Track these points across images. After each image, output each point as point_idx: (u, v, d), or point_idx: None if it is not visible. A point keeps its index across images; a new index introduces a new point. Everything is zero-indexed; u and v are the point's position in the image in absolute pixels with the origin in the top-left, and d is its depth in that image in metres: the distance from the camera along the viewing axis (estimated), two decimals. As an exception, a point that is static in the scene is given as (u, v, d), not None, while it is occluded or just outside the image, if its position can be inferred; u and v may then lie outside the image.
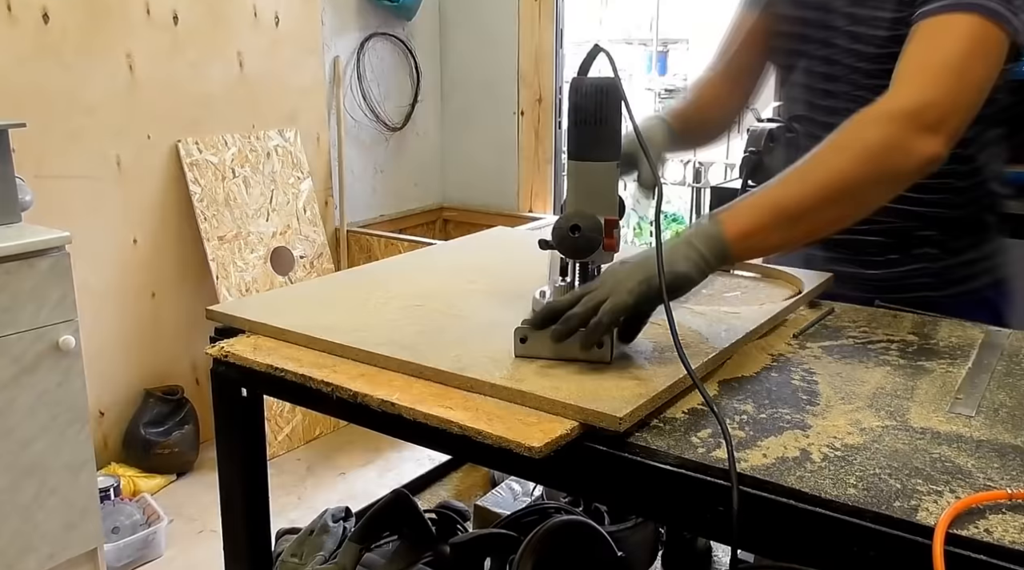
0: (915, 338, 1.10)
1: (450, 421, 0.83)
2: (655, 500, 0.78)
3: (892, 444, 0.80)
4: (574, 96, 0.96)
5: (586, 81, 0.96)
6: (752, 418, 0.85)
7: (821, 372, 0.98)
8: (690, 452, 0.78)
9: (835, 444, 0.80)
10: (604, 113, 0.96)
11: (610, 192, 0.98)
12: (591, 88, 0.96)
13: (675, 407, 0.88)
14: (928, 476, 0.74)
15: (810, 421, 0.85)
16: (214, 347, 1.05)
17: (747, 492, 0.73)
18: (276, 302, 1.17)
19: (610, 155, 0.98)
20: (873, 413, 0.87)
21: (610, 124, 0.97)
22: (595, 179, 0.98)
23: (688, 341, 1.00)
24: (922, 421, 0.85)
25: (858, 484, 0.72)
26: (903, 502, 0.69)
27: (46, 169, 2.52)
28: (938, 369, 0.99)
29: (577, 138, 0.98)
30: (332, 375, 0.95)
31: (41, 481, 2.06)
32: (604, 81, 0.96)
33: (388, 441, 3.00)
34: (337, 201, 3.40)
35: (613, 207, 0.99)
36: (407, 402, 0.87)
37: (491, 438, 0.80)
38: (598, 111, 0.96)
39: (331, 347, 1.01)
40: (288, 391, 0.99)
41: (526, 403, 0.86)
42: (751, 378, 0.96)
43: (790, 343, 1.08)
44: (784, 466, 0.75)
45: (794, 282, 1.27)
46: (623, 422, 0.80)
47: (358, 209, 3.51)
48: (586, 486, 0.86)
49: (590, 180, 0.98)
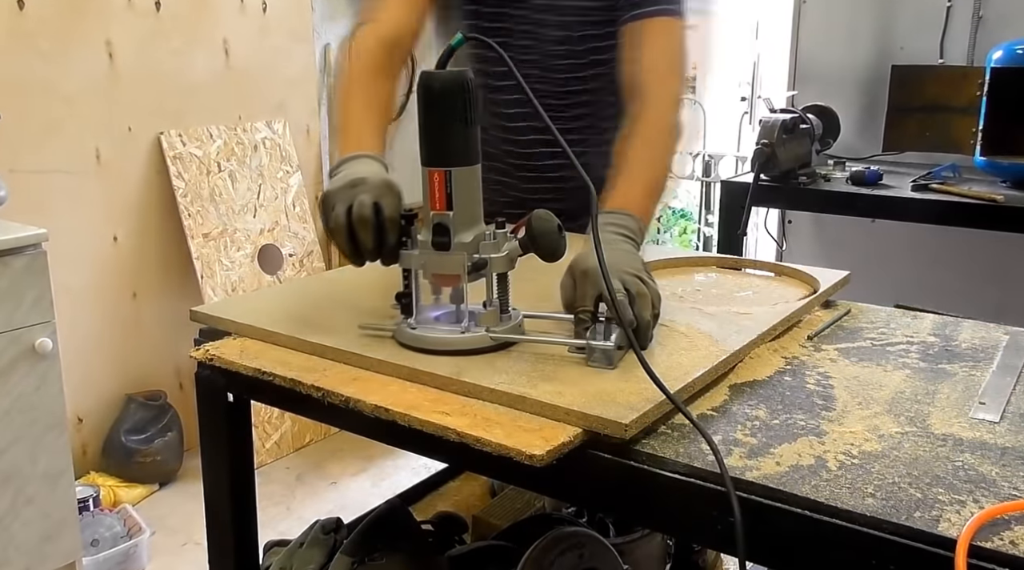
0: (936, 339, 1.10)
1: (447, 428, 0.83)
2: (663, 510, 0.78)
3: (912, 451, 0.80)
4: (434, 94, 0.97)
5: (443, 75, 0.96)
6: (765, 424, 0.85)
7: (837, 376, 0.98)
8: (700, 460, 0.78)
9: (852, 451, 0.80)
10: (472, 113, 0.97)
11: (480, 195, 1.00)
12: (454, 84, 0.96)
13: (684, 413, 0.88)
14: (950, 485, 0.74)
15: (826, 427, 0.85)
16: (198, 350, 1.05)
17: (759, 502, 0.73)
18: (264, 303, 1.17)
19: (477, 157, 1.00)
20: (892, 419, 0.87)
21: (477, 123, 0.98)
22: (475, 184, 0.99)
23: (698, 343, 1.01)
24: (944, 427, 0.85)
25: (876, 493, 0.72)
26: (924, 512, 0.69)
27: (22, 163, 2.52)
28: (960, 372, 0.99)
29: (451, 139, 0.97)
30: (323, 379, 0.95)
31: (17, 490, 2.06)
32: (462, 75, 0.96)
33: (382, 449, 3.00)
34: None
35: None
36: (402, 407, 0.87)
37: (490, 445, 0.80)
38: (468, 110, 0.96)
39: (322, 350, 1.01)
40: (276, 396, 0.99)
41: (527, 409, 0.86)
42: (764, 382, 0.96)
43: (804, 345, 1.08)
44: (798, 475, 0.75)
45: (809, 281, 1.27)
46: (629, 429, 0.80)
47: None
48: (590, 496, 0.86)
49: (471, 185, 0.98)
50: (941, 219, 2.48)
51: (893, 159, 2.87)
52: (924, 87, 2.75)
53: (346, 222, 1.00)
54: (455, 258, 0.98)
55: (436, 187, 0.98)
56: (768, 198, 2.72)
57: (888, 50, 2.92)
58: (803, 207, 2.90)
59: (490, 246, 0.98)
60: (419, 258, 1.00)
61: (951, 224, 2.51)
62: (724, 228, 2.75)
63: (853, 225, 2.98)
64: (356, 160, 1.15)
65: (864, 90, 2.98)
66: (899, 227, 2.79)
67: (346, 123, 1.26)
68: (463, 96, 0.96)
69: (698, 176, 4.23)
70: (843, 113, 2.87)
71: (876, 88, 2.91)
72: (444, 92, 0.96)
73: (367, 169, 1.10)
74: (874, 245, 3.00)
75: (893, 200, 2.49)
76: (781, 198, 2.72)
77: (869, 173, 2.59)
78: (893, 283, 2.90)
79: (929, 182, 2.54)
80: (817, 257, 3.10)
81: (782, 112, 2.65)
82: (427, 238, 0.99)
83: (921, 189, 2.51)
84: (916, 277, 2.94)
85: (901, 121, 2.79)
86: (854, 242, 3.04)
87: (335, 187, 1.05)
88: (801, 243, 3.20)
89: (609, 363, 0.93)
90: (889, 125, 2.80)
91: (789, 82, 3.12)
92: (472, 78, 0.97)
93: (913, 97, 2.76)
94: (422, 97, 0.97)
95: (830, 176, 2.72)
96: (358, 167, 1.12)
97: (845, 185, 2.62)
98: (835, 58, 3.03)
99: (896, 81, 2.79)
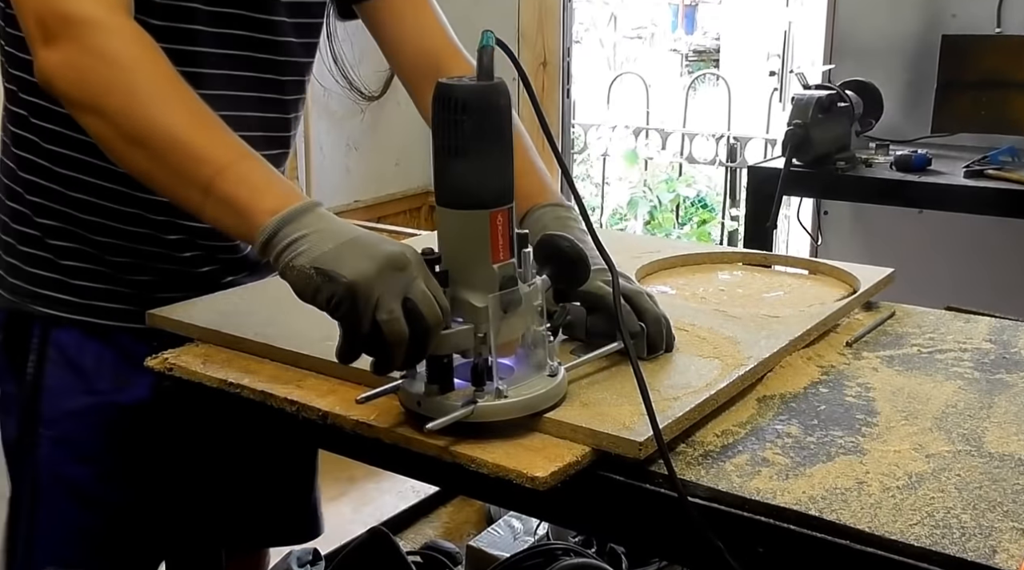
0: (992, 346, 1.10)
1: (437, 446, 0.83)
2: (681, 539, 0.78)
3: (965, 473, 0.80)
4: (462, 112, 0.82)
5: (500, 87, 0.83)
6: (798, 442, 0.85)
7: (880, 387, 0.98)
8: (724, 482, 0.78)
9: (896, 473, 0.80)
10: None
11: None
12: (507, 97, 0.84)
13: (705, 429, 0.88)
14: (1009, 511, 0.74)
15: (867, 446, 0.85)
16: (156, 358, 1.05)
17: (791, 530, 0.73)
18: (231, 305, 1.17)
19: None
20: (942, 436, 0.87)
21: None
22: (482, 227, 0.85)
23: (722, 350, 1.01)
24: (1001, 445, 0.85)
25: (925, 521, 0.72)
26: (979, 542, 0.69)
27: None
28: (1020, 383, 0.99)
29: (510, 167, 0.85)
30: (297, 391, 0.95)
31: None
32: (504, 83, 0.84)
33: (364, 469, 2.99)
34: (303, 184, 3.40)
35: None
36: (387, 423, 0.87)
37: (487, 466, 0.80)
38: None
39: (296, 358, 1.01)
40: (244, 412, 0.98)
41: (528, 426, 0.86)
42: (796, 394, 0.96)
43: (843, 352, 1.08)
44: (836, 499, 0.75)
45: (848, 280, 1.27)
46: (643, 448, 0.80)
47: (328, 193, 3.51)
48: (600, 523, 0.86)
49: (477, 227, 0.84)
50: (998, 209, 2.47)
51: (943, 142, 2.86)
52: (979, 60, 2.75)
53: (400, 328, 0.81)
54: (519, 320, 0.86)
55: (499, 232, 0.84)
56: (801, 186, 2.72)
57: (938, 18, 2.92)
58: (841, 196, 2.89)
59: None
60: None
61: (1009, 215, 2.51)
62: (751, 220, 2.74)
63: (898, 216, 2.98)
64: (311, 213, 0.88)
65: (910, 63, 2.97)
66: (950, 219, 2.79)
67: (208, 147, 0.93)
68: (510, 111, 0.85)
69: (721, 161, 4.23)
70: (886, 90, 2.87)
71: (924, 61, 2.90)
72: (505, 108, 0.84)
73: (355, 229, 0.87)
74: (922, 239, 3.00)
75: (943, 188, 2.49)
76: (816, 186, 2.71)
77: (916, 157, 2.59)
78: (943, 282, 2.90)
79: (984, 167, 2.54)
80: (857, 253, 3.10)
81: (817, 89, 2.65)
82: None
83: (975, 175, 2.50)
84: (969, 276, 2.94)
85: (952, 98, 2.79)
86: (899, 236, 3.04)
87: (371, 272, 0.81)
88: (839, 237, 3.20)
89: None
90: (939, 103, 2.80)
91: (825, 55, 3.12)
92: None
93: (966, 71, 2.76)
94: (474, 117, 0.81)
95: (872, 161, 2.72)
96: (332, 226, 0.87)
97: (889, 171, 2.61)
98: (877, 27, 3.02)
99: (947, 53, 2.78)
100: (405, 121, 3.76)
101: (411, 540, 1.65)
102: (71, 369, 1.14)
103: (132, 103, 0.92)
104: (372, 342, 0.82)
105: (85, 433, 1.14)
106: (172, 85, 0.94)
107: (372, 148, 3.66)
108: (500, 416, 0.84)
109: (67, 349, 1.14)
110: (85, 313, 1.14)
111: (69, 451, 1.14)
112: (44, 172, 1.12)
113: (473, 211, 0.83)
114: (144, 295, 1.15)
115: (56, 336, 1.14)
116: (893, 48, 3.01)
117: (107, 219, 1.12)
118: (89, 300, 1.14)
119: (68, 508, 1.15)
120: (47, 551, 1.15)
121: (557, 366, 0.89)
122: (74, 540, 1.16)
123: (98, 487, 1.15)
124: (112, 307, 1.15)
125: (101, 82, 0.92)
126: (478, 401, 0.83)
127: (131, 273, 1.15)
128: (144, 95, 0.93)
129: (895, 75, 2.98)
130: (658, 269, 1.34)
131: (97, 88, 0.92)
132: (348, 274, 0.81)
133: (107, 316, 1.15)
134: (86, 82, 0.93)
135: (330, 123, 3.47)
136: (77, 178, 1.11)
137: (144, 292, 1.16)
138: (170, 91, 0.94)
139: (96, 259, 1.14)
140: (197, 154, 0.92)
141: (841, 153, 2.65)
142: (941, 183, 2.51)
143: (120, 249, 1.14)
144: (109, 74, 0.93)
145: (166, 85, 0.94)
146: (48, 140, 1.10)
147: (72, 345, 1.14)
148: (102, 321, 1.15)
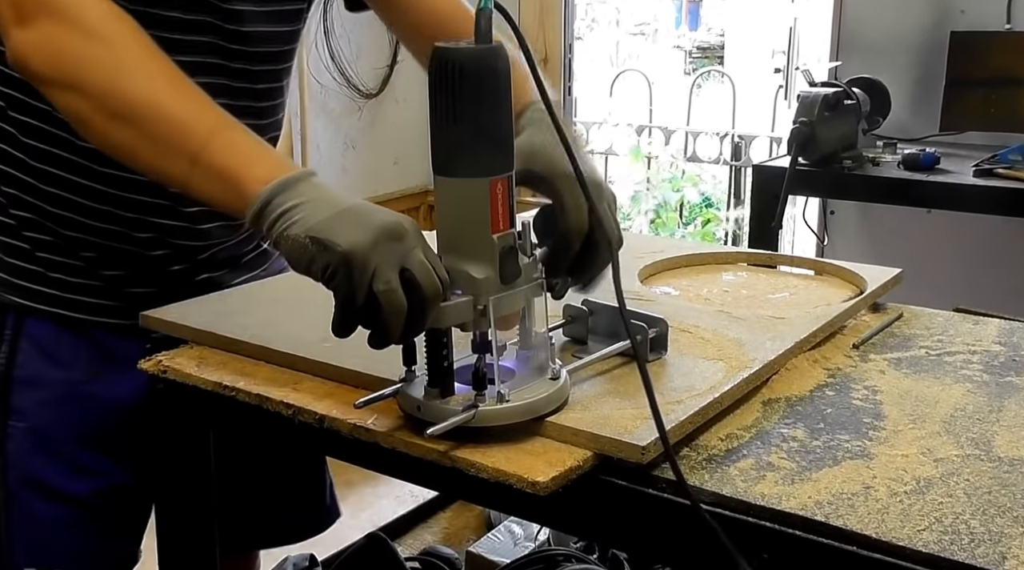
0: (1002, 348, 1.10)
1: (437, 450, 0.83)
2: (685, 545, 0.78)
3: (974, 478, 0.80)
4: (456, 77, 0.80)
5: (498, 51, 0.81)
6: (804, 446, 0.85)
7: (887, 390, 0.98)
8: (728, 487, 0.78)
9: (904, 478, 0.80)
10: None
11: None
12: (507, 61, 0.82)
13: (709, 432, 0.88)
14: (1018, 517, 0.74)
15: (874, 450, 0.85)
16: (149, 360, 1.05)
17: (797, 536, 0.73)
18: (226, 306, 1.17)
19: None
20: (951, 440, 0.87)
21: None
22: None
23: (726, 352, 1.00)
24: (1011, 450, 0.85)
25: (933, 526, 0.72)
26: (988, 548, 0.69)
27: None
28: (1030, 386, 0.99)
29: (510, 133, 0.84)
30: (294, 395, 0.95)
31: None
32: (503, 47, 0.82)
33: (362, 474, 2.99)
34: (300, 183, 3.40)
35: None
36: (385, 427, 0.87)
37: (486, 471, 0.80)
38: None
39: (293, 360, 1.01)
40: (239, 415, 0.98)
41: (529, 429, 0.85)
42: (802, 397, 0.96)
43: (849, 355, 1.08)
44: (843, 504, 0.75)
45: (854, 281, 1.27)
46: (646, 452, 0.80)
47: (325, 193, 3.51)
48: (602, 528, 0.86)
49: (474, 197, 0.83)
50: (1008, 209, 2.47)
51: (952, 140, 2.86)
52: (988, 56, 2.75)
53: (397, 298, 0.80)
54: (519, 294, 0.85)
55: (499, 201, 0.83)
56: (807, 185, 2.72)
57: (947, 14, 2.91)
58: (848, 196, 2.89)
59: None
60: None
61: (1020, 215, 2.51)
62: (756, 220, 2.74)
63: (905, 216, 2.98)
64: (305, 182, 0.87)
65: (919, 60, 2.97)
66: (959, 219, 2.79)
67: (195, 121, 0.92)
68: (509, 75, 0.83)
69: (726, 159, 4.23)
70: (894, 87, 2.87)
71: (932, 58, 2.90)
72: (504, 72, 0.82)
73: (351, 199, 0.86)
74: (930, 239, 3.00)
75: (952, 187, 2.49)
76: (822, 185, 2.71)
77: (924, 156, 2.59)
78: (952, 283, 2.89)
79: (994, 166, 2.54)
80: (864, 253, 3.10)
81: (823, 86, 2.65)
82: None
83: (985, 174, 2.50)
84: (979, 277, 2.94)
85: (961, 96, 2.79)
86: (907, 236, 3.04)
87: (367, 241, 0.80)
88: (845, 237, 3.20)
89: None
90: (947, 101, 2.80)
91: (832, 51, 3.11)
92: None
93: (975, 68, 2.76)
94: (471, 82, 0.80)
95: (879, 160, 2.72)
96: (328, 195, 0.86)
97: (896, 170, 2.61)
98: (885, 23, 3.02)
99: (956, 49, 2.78)
100: (403, 119, 3.75)
101: (410, 546, 1.65)
102: (44, 360, 1.14)
103: (114, 77, 0.92)
104: (368, 314, 0.81)
105: (56, 425, 1.14)
106: (153, 57, 0.94)
107: (370, 147, 3.66)
108: (501, 421, 0.84)
109: (40, 340, 1.14)
110: (60, 305, 1.14)
111: (39, 443, 1.14)
112: (20, 165, 1.12)
113: (472, 179, 0.82)
114: (118, 289, 1.16)
115: (29, 327, 1.14)
116: (901, 45, 3.01)
117: (78, 214, 1.12)
118: (64, 293, 1.14)
119: (40, 505, 1.14)
120: (24, 551, 1.14)
121: (559, 369, 0.89)
122: (51, 537, 1.15)
123: (69, 481, 1.15)
124: (86, 300, 1.15)
125: (80, 57, 0.92)
126: (479, 405, 0.82)
127: (103, 268, 1.15)
128: (126, 68, 0.93)
129: (903, 72, 2.98)
130: (662, 270, 1.34)
131: (76, 63, 0.92)
132: (343, 243, 0.80)
133: (82, 310, 1.15)
134: (64, 58, 0.92)
135: (327, 121, 3.47)
136: (50, 173, 1.11)
137: (117, 287, 1.16)
138: (152, 63, 0.94)
139: (69, 253, 1.14)
140: (183, 125, 0.91)
141: (848, 152, 2.65)
142: (950, 182, 2.51)
143: (91, 245, 1.14)
144: (89, 48, 0.92)
145: (148, 57, 0.94)
146: (25, 134, 1.10)
147: (45, 336, 1.14)
148: (76, 314, 1.15)
